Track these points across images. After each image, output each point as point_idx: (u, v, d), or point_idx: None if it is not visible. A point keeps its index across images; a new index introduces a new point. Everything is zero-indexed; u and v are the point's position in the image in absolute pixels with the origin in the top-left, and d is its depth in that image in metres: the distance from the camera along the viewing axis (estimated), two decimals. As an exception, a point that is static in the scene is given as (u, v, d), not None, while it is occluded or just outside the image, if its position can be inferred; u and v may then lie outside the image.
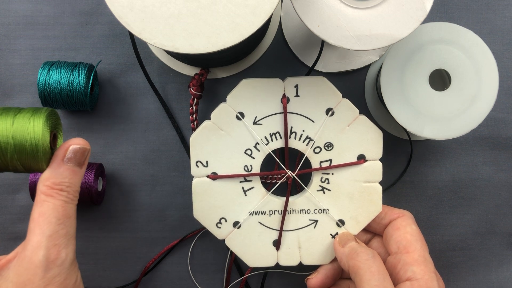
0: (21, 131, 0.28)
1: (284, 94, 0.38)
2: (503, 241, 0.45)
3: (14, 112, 0.29)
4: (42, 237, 0.27)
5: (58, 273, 0.27)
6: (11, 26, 0.44)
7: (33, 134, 0.28)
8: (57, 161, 0.29)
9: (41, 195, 0.28)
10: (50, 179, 0.28)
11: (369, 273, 0.33)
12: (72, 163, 0.29)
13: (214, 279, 0.45)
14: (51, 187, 0.28)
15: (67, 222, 0.28)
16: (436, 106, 0.37)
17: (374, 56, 0.44)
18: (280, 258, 0.39)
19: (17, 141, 0.28)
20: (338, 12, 0.32)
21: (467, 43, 0.37)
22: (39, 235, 0.27)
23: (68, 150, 0.29)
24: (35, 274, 0.27)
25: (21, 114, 0.29)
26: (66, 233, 0.28)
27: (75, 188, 0.29)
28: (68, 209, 0.28)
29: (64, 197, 0.28)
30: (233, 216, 0.39)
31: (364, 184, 0.39)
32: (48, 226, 0.27)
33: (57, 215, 0.28)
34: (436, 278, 0.34)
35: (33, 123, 0.28)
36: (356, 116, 0.38)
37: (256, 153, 0.39)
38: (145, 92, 0.44)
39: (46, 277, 0.27)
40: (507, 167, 0.45)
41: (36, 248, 0.27)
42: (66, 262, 0.28)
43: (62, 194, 0.28)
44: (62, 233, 0.28)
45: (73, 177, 0.29)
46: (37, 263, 0.27)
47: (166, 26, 0.30)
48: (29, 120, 0.28)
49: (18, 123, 0.28)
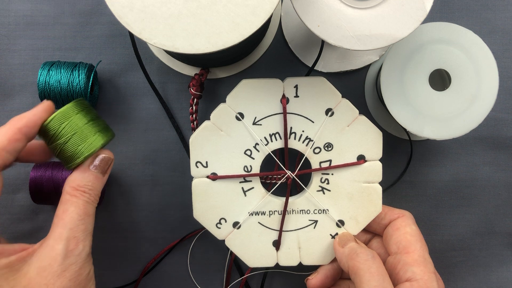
0: (82, 136, 0.32)
1: (284, 94, 0.38)
2: (503, 241, 0.45)
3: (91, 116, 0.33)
4: (64, 229, 0.30)
5: (74, 262, 0.30)
6: (11, 26, 0.44)
7: (87, 146, 0.32)
8: (84, 167, 0.33)
9: (66, 195, 0.32)
10: (75, 182, 0.32)
11: (369, 274, 0.33)
12: (97, 170, 0.33)
13: (214, 279, 0.45)
14: (76, 188, 0.32)
15: (86, 219, 0.31)
16: (436, 106, 0.37)
17: (374, 56, 0.44)
18: (280, 259, 0.39)
19: (74, 141, 0.32)
20: (338, 12, 0.32)
21: (467, 43, 0.37)
22: (61, 227, 0.30)
23: (97, 159, 0.33)
24: (55, 260, 0.30)
25: (95, 122, 0.33)
26: (85, 229, 0.31)
27: (96, 192, 0.33)
28: (88, 208, 0.32)
29: (86, 198, 0.32)
30: (233, 217, 0.39)
31: (364, 184, 0.39)
32: (70, 220, 0.31)
33: (79, 212, 0.31)
34: (436, 279, 0.34)
35: (94, 138, 0.32)
36: (355, 116, 0.38)
37: (256, 154, 0.39)
38: (145, 92, 0.44)
39: (64, 264, 0.30)
40: (507, 167, 0.45)
41: (58, 238, 0.30)
42: (82, 253, 0.31)
43: (85, 195, 0.32)
44: (82, 228, 0.31)
45: (95, 182, 0.33)
46: (57, 251, 0.30)
47: (166, 26, 0.30)
48: (95, 134, 0.32)
49: (86, 129, 0.32)
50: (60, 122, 0.32)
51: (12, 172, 0.44)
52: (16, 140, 0.30)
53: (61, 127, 0.32)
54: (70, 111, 0.32)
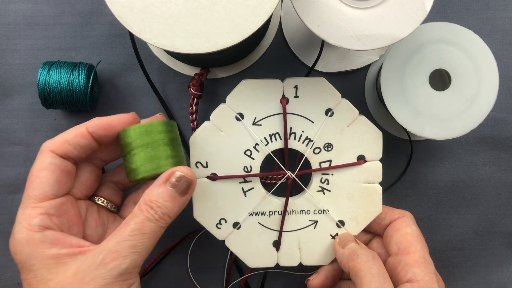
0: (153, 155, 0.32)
1: (284, 94, 0.38)
2: (503, 241, 0.45)
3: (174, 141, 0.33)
4: (112, 240, 0.29)
5: (102, 276, 0.29)
6: (11, 26, 0.44)
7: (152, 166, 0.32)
8: (160, 182, 0.31)
9: (135, 208, 0.31)
10: (148, 196, 0.31)
11: (370, 275, 0.33)
12: (174, 188, 0.31)
13: (214, 279, 0.45)
14: (146, 202, 0.31)
15: (138, 237, 0.30)
16: (436, 106, 0.37)
17: (374, 56, 0.44)
18: (280, 259, 0.39)
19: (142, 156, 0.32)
20: (338, 12, 0.32)
21: (467, 43, 0.37)
22: (111, 237, 0.30)
23: (173, 175, 0.31)
24: (89, 268, 0.29)
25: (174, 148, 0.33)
26: (132, 246, 0.29)
27: (166, 211, 0.31)
28: (145, 226, 0.30)
29: (149, 214, 0.30)
30: (233, 217, 0.39)
31: (364, 184, 0.39)
32: (121, 233, 0.30)
33: (133, 227, 0.30)
34: (436, 279, 0.34)
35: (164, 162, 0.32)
36: (355, 116, 0.38)
37: (256, 154, 0.38)
38: (145, 92, 0.44)
39: (93, 274, 0.29)
40: (507, 167, 0.45)
41: (102, 247, 0.29)
42: (114, 270, 0.29)
43: (150, 211, 0.30)
44: (129, 244, 0.29)
45: (168, 200, 0.31)
46: (95, 259, 0.29)
47: (166, 26, 0.30)
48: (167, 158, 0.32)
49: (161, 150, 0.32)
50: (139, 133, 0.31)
51: (12, 172, 0.44)
52: (81, 136, 0.32)
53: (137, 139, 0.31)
54: (154, 127, 0.32)
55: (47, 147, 0.32)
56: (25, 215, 0.30)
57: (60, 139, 0.32)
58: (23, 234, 0.30)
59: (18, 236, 0.30)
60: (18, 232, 0.30)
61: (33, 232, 0.30)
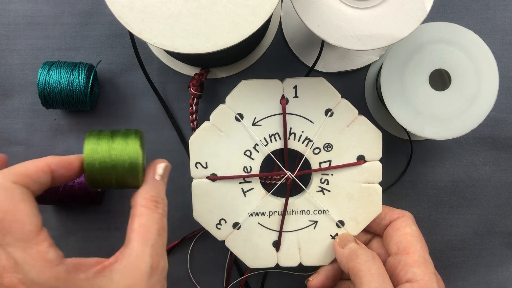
0: (120, 153, 0.31)
1: (283, 95, 0.38)
2: (503, 241, 0.45)
3: (109, 135, 0.31)
4: (146, 246, 0.29)
5: (158, 280, 0.29)
6: (11, 26, 0.44)
7: (132, 154, 0.31)
8: (151, 178, 0.32)
9: (140, 208, 0.30)
10: (149, 193, 0.31)
11: (369, 275, 0.33)
12: (162, 179, 0.32)
13: (214, 279, 0.45)
14: (150, 199, 0.31)
15: (163, 234, 0.31)
16: (436, 106, 0.37)
17: (374, 56, 0.44)
18: (280, 259, 0.39)
19: (118, 162, 0.31)
20: (338, 12, 0.32)
21: (467, 43, 0.37)
22: (142, 244, 0.29)
23: (159, 168, 0.32)
24: (141, 279, 0.29)
25: (117, 137, 0.31)
26: (163, 244, 0.30)
27: (165, 202, 0.32)
28: (164, 222, 0.31)
29: (160, 210, 0.31)
30: (233, 217, 0.39)
31: (364, 184, 0.39)
32: (150, 236, 0.30)
33: (157, 227, 0.30)
34: (436, 279, 0.34)
35: (130, 146, 0.31)
36: (355, 116, 0.38)
37: (256, 154, 0.38)
38: (145, 92, 0.44)
39: (150, 283, 0.29)
40: (507, 167, 0.45)
41: (141, 256, 0.29)
42: (164, 270, 0.30)
43: (159, 207, 0.31)
44: (161, 244, 0.30)
45: (162, 191, 0.32)
46: (143, 270, 0.29)
47: (166, 26, 0.30)
48: (126, 142, 0.31)
49: (116, 145, 0.31)
50: (94, 158, 0.31)
51: (12, 172, 0.44)
52: (42, 172, 0.29)
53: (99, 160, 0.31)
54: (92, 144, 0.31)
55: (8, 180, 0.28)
56: (34, 255, 0.27)
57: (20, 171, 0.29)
58: (46, 275, 0.27)
59: (41, 278, 0.27)
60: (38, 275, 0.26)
61: (55, 266, 0.27)
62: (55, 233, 0.44)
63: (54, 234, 0.44)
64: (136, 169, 0.31)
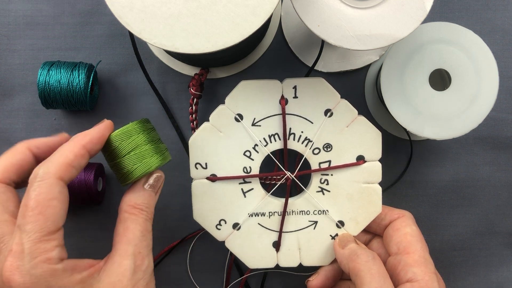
0: (140, 156, 0.33)
1: (283, 95, 0.38)
2: (503, 241, 0.45)
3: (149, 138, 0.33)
4: (129, 245, 0.31)
5: (142, 277, 0.31)
6: (11, 26, 0.44)
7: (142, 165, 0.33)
8: (138, 186, 0.33)
9: (124, 213, 0.32)
10: (132, 200, 0.33)
11: (370, 275, 0.33)
12: (151, 189, 0.34)
13: (214, 279, 0.45)
14: (134, 206, 0.32)
15: (147, 235, 0.32)
16: (436, 106, 0.37)
17: (374, 56, 0.44)
18: (280, 259, 0.39)
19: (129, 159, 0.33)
20: (338, 12, 0.32)
21: (467, 43, 0.37)
22: (126, 244, 0.31)
23: (151, 178, 0.34)
24: (124, 275, 0.30)
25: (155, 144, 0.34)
26: (147, 245, 0.32)
27: (151, 210, 0.33)
28: (147, 225, 0.33)
29: (144, 215, 0.32)
30: (233, 218, 0.39)
31: (364, 185, 0.39)
32: (133, 237, 0.31)
33: (140, 228, 0.32)
34: (436, 279, 0.34)
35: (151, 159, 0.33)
36: (354, 116, 0.38)
37: (255, 155, 0.38)
38: (145, 92, 0.44)
39: (133, 279, 0.30)
40: (507, 167, 0.45)
41: (124, 255, 0.31)
42: (148, 269, 0.32)
43: (143, 213, 0.32)
44: (145, 244, 0.32)
45: (150, 200, 0.33)
46: (126, 266, 0.30)
47: (166, 26, 0.30)
48: (153, 155, 0.33)
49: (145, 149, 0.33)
50: (121, 139, 0.32)
51: (12, 172, 0.44)
52: (81, 156, 0.31)
53: (122, 144, 0.32)
54: (132, 130, 0.33)
55: (53, 174, 0.30)
56: (41, 249, 0.29)
57: (63, 163, 0.30)
58: (42, 269, 0.28)
59: (36, 272, 0.28)
60: (34, 268, 0.28)
61: (54, 264, 0.29)
62: (55, 233, 0.44)
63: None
64: (132, 177, 0.33)
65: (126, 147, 0.32)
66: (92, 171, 0.41)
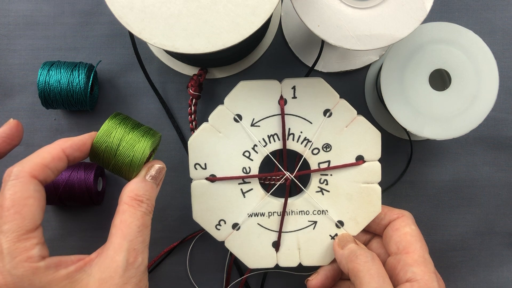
0: (129, 146, 0.32)
1: (282, 95, 0.38)
2: (503, 241, 0.45)
3: (129, 126, 0.33)
4: (124, 240, 0.30)
5: (134, 275, 0.30)
6: (11, 26, 0.44)
7: (137, 153, 0.32)
8: (140, 177, 0.33)
9: (124, 205, 0.31)
10: (134, 191, 0.32)
11: (369, 276, 0.33)
12: (153, 180, 0.33)
13: (214, 279, 0.45)
14: (134, 198, 0.32)
15: (144, 231, 0.31)
16: (436, 106, 0.37)
17: (374, 56, 0.44)
18: (280, 259, 0.39)
19: (122, 153, 0.32)
20: (338, 12, 0.32)
21: (467, 43, 0.37)
22: (121, 238, 0.30)
23: (152, 169, 0.33)
24: (116, 272, 0.29)
25: (137, 129, 0.33)
26: (143, 240, 0.31)
27: (152, 202, 0.33)
28: (146, 220, 0.32)
29: (144, 208, 0.32)
30: (232, 218, 0.39)
31: (363, 185, 0.39)
32: (129, 232, 0.30)
33: (137, 223, 0.31)
34: (436, 279, 0.34)
35: (142, 143, 0.32)
36: (354, 117, 0.38)
37: (254, 155, 0.38)
38: (145, 92, 0.44)
39: (125, 276, 0.30)
40: (507, 167, 0.45)
41: (118, 250, 0.30)
42: (141, 266, 0.31)
43: (142, 205, 0.32)
44: (140, 239, 0.31)
45: (151, 192, 0.33)
46: (118, 262, 0.30)
47: (166, 26, 0.30)
48: (140, 139, 0.32)
49: (130, 138, 0.32)
50: (104, 141, 0.32)
51: (12, 172, 0.44)
52: (59, 159, 0.30)
53: (107, 145, 0.32)
54: (109, 127, 0.32)
55: (28, 172, 0.29)
56: (20, 249, 0.28)
57: (39, 162, 0.30)
58: (23, 268, 0.28)
59: (17, 272, 0.28)
60: (15, 268, 0.28)
61: (35, 263, 0.28)
62: (55, 233, 0.44)
63: (54, 234, 0.45)
64: (134, 167, 0.32)
65: (113, 145, 0.32)
66: (92, 171, 0.41)
